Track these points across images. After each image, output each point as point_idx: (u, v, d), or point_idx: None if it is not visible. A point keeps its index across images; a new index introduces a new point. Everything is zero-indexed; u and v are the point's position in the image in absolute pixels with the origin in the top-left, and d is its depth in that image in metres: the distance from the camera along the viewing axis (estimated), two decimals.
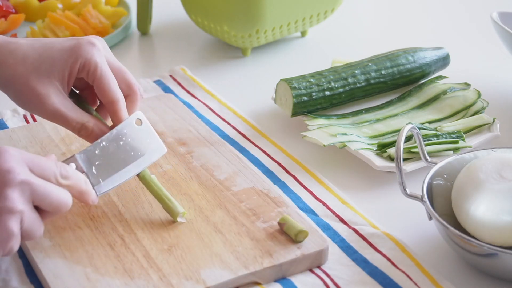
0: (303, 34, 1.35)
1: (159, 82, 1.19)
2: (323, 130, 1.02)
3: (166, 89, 1.17)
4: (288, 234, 0.84)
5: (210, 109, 1.12)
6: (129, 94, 0.89)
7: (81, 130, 0.87)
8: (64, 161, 0.82)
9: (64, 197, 0.77)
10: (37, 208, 0.76)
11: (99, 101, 0.93)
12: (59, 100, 0.86)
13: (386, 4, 1.53)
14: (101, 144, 0.84)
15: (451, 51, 1.17)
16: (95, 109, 0.92)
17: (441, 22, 1.44)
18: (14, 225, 0.73)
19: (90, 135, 0.87)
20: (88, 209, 0.89)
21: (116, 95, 0.87)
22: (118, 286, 0.79)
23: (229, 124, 1.09)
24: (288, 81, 1.06)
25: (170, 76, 1.21)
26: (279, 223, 0.85)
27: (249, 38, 1.24)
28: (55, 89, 0.86)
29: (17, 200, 0.73)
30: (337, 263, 0.84)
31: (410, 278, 0.81)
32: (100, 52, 0.87)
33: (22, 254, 0.85)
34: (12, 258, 0.84)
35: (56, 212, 0.77)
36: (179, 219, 0.86)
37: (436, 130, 1.02)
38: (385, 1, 1.54)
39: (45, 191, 0.75)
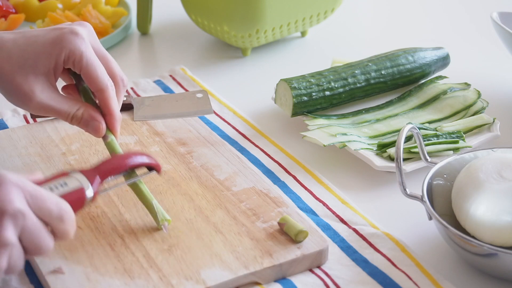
0: (303, 34, 1.35)
1: (159, 82, 1.19)
2: (323, 130, 1.02)
3: (166, 89, 1.17)
4: (288, 234, 0.84)
5: None
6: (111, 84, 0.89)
7: (72, 119, 0.88)
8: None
9: (48, 245, 0.74)
10: None
11: None
12: (47, 95, 0.86)
13: (386, 4, 1.53)
14: None
15: (451, 51, 1.17)
16: None
17: (441, 22, 1.44)
18: (3, 259, 0.71)
19: (81, 122, 0.88)
20: (88, 209, 0.89)
21: (103, 82, 0.87)
22: (118, 286, 0.79)
23: (229, 124, 1.09)
24: (288, 81, 1.06)
25: (170, 76, 1.21)
26: (279, 223, 0.85)
27: (249, 38, 1.24)
28: (41, 84, 0.86)
29: (11, 232, 0.71)
30: (337, 263, 0.84)
31: (410, 278, 0.81)
32: (84, 40, 0.86)
33: None
34: None
35: (34, 254, 0.75)
36: (163, 228, 0.86)
37: (436, 130, 1.02)
38: (385, 1, 1.54)
39: (35, 230, 0.73)
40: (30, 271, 0.83)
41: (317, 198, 0.94)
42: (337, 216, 0.91)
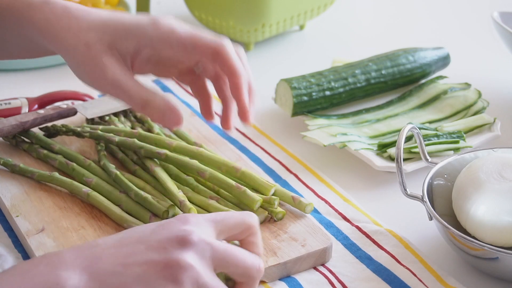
0: (301, 27, 1.35)
1: (158, 82, 1.19)
2: (323, 130, 1.02)
3: (165, 89, 1.17)
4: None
5: None
6: None
7: (145, 107, 0.77)
8: None
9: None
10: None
11: None
12: (121, 72, 0.77)
13: (386, 4, 1.53)
14: None
15: (451, 51, 1.17)
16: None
17: (441, 21, 1.44)
18: None
19: (155, 113, 0.77)
20: (91, 209, 0.88)
21: None
22: None
23: None
24: (288, 81, 1.06)
25: None
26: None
27: (255, 33, 1.24)
28: (116, 59, 0.77)
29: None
30: (341, 260, 0.84)
31: (415, 275, 0.81)
32: None
33: (26, 255, 0.84)
34: (15, 258, 0.83)
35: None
36: None
37: (437, 130, 1.02)
38: (385, 1, 1.54)
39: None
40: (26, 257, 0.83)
41: (319, 196, 0.94)
42: (340, 214, 0.91)
